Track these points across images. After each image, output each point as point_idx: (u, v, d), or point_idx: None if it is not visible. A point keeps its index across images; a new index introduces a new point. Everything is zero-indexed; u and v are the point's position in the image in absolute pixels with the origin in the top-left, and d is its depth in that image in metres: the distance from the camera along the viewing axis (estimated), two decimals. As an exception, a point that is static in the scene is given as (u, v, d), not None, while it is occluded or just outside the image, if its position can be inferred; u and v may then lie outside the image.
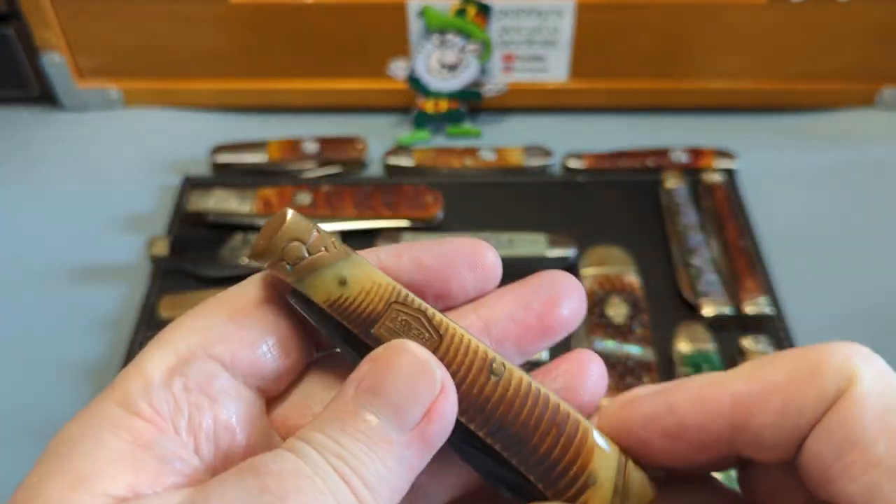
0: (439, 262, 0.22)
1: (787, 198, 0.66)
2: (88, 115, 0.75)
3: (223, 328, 0.21)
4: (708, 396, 0.20)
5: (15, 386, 0.54)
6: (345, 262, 0.21)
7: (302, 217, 0.21)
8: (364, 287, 0.21)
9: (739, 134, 0.72)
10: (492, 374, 0.21)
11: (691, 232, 0.60)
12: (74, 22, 0.69)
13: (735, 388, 0.20)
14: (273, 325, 0.22)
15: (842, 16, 0.68)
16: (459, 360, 0.21)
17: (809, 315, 0.57)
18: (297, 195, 0.62)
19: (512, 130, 0.73)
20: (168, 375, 0.20)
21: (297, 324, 0.22)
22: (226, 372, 0.21)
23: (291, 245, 0.21)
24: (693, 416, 0.21)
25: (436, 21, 0.66)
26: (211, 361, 0.21)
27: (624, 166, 0.67)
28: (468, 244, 0.23)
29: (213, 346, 0.21)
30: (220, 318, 0.21)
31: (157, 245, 0.59)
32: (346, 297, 0.21)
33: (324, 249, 0.21)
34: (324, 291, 0.21)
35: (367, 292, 0.21)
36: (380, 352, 0.20)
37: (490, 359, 0.21)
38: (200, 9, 0.68)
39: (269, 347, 0.22)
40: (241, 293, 0.22)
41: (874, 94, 0.73)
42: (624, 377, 0.51)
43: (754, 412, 0.20)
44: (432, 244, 0.23)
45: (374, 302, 0.21)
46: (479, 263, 0.22)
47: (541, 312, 0.23)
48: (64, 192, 0.68)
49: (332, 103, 0.74)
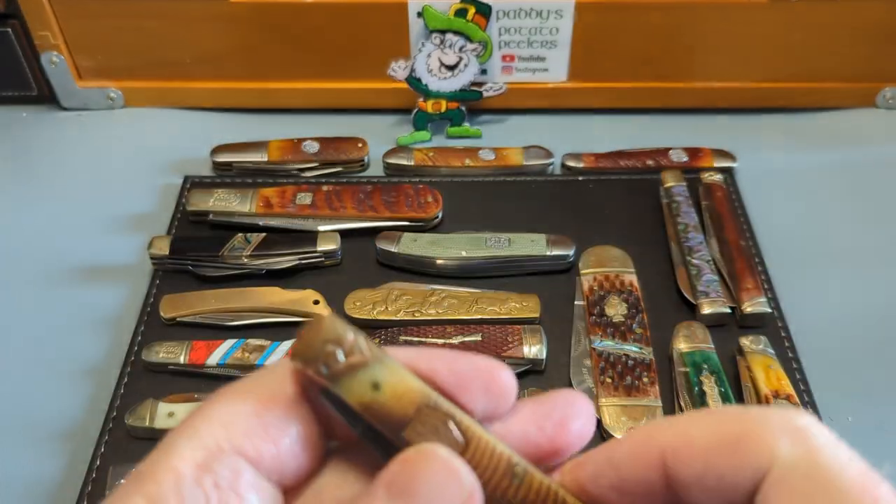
0: (455, 380, 0.22)
1: (787, 198, 0.66)
2: (88, 115, 0.75)
3: (249, 422, 0.21)
4: (641, 451, 0.21)
5: (15, 386, 0.54)
6: (379, 366, 0.22)
7: (340, 320, 0.22)
8: (396, 391, 0.22)
9: (739, 134, 0.72)
10: (514, 478, 0.22)
11: (691, 231, 0.60)
12: (74, 22, 0.69)
13: (664, 443, 0.21)
14: (297, 420, 0.22)
15: (842, 16, 0.68)
16: (485, 464, 0.22)
17: (808, 315, 0.57)
18: (297, 195, 0.62)
19: (512, 130, 0.73)
20: (198, 472, 0.20)
21: (318, 417, 0.23)
22: (251, 468, 0.21)
23: (328, 348, 0.21)
24: (630, 469, 0.21)
25: (435, 21, 0.66)
26: (238, 457, 0.21)
27: (624, 166, 0.67)
28: (485, 366, 0.23)
29: (239, 441, 0.21)
30: (246, 411, 0.22)
31: (157, 245, 0.59)
32: (380, 401, 0.22)
33: (359, 353, 0.22)
34: (358, 394, 0.22)
35: (400, 397, 0.22)
36: (411, 454, 0.21)
37: (514, 463, 0.22)
38: (200, 9, 0.68)
39: (291, 443, 0.22)
40: (268, 383, 0.22)
41: (874, 94, 0.73)
42: (623, 376, 0.51)
43: (681, 469, 0.20)
44: (451, 358, 0.23)
45: (405, 406, 0.22)
46: (494, 387, 0.23)
47: (552, 435, 0.23)
48: (64, 192, 0.68)
49: (332, 103, 0.74)
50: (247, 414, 0.21)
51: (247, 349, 0.53)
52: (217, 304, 0.56)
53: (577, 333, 0.55)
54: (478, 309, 0.55)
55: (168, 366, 0.53)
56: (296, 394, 0.22)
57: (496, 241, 0.59)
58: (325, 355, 0.21)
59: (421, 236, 0.60)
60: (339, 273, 0.60)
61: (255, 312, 0.56)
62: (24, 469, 0.50)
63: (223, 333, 0.55)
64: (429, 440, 0.21)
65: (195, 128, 0.73)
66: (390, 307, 0.55)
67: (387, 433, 0.22)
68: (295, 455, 0.22)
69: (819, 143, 0.71)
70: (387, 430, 0.22)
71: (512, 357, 0.52)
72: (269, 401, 0.22)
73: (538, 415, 0.23)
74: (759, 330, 0.55)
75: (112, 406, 0.51)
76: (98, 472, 0.48)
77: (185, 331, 0.55)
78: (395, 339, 0.53)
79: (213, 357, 0.52)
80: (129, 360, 0.54)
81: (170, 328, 0.56)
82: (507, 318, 0.55)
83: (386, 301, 0.56)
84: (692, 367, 0.51)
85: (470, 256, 0.58)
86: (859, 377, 0.54)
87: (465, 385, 0.22)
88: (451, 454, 0.21)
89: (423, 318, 0.55)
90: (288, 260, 0.58)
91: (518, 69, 0.72)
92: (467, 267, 0.59)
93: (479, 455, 0.22)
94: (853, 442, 0.19)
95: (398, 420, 0.22)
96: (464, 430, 0.22)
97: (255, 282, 0.58)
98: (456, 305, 0.55)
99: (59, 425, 0.52)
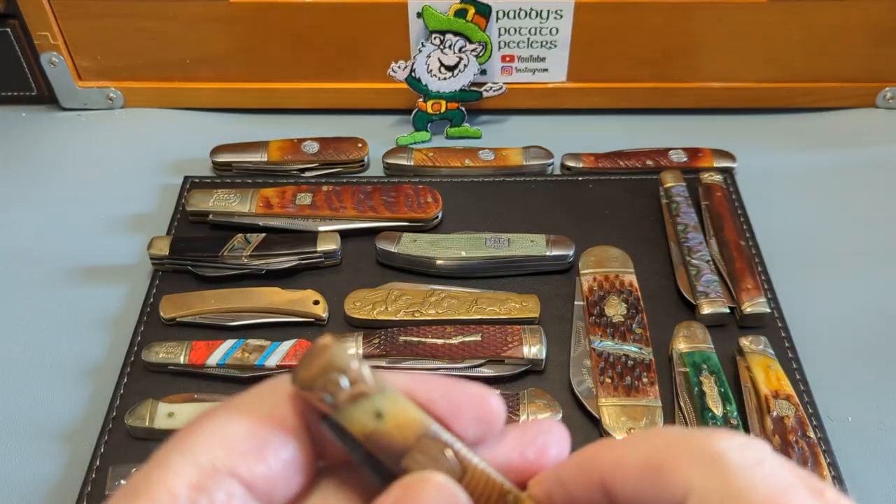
0: (448, 409, 0.23)
1: (787, 198, 0.66)
2: (88, 115, 0.75)
3: (245, 442, 0.21)
4: (584, 471, 0.23)
5: (15, 386, 0.54)
6: (381, 396, 0.22)
7: (343, 348, 0.22)
8: (398, 421, 0.22)
9: (739, 134, 0.72)
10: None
11: (690, 232, 0.60)
12: (74, 22, 0.69)
13: (603, 464, 0.22)
14: (292, 442, 0.22)
15: (842, 16, 0.68)
16: (479, 491, 0.22)
17: (808, 315, 0.57)
18: (297, 195, 0.62)
19: (511, 130, 0.73)
20: (193, 492, 0.20)
21: (312, 439, 0.23)
22: (244, 489, 0.21)
23: (333, 377, 0.21)
24: (576, 486, 0.23)
25: (435, 21, 0.66)
26: (231, 479, 0.21)
27: (623, 166, 0.67)
28: (477, 393, 0.24)
29: (234, 461, 0.21)
30: (243, 431, 0.22)
31: (157, 245, 0.59)
32: (381, 431, 0.22)
33: (363, 382, 0.22)
34: (360, 423, 0.22)
35: (402, 427, 0.22)
36: (412, 480, 0.21)
37: (506, 491, 0.23)
38: (200, 9, 0.68)
39: (285, 465, 0.22)
40: (266, 402, 0.22)
41: (874, 94, 0.73)
42: (623, 377, 0.51)
43: (616, 490, 0.22)
44: (447, 387, 0.23)
45: (406, 435, 0.22)
46: (485, 414, 0.23)
47: (533, 460, 0.24)
48: (64, 192, 0.68)
49: (332, 103, 0.74)
50: (244, 433, 0.21)
51: (247, 349, 0.53)
52: (217, 304, 0.56)
53: (576, 333, 0.55)
54: (477, 309, 0.55)
55: (168, 366, 0.53)
56: (293, 415, 0.22)
57: (496, 241, 0.59)
58: (329, 384, 0.21)
59: (421, 236, 0.60)
60: (339, 273, 0.60)
61: (255, 312, 0.56)
62: (24, 469, 0.50)
63: (223, 333, 0.55)
64: (427, 468, 0.22)
65: (195, 128, 0.73)
66: (390, 307, 0.55)
67: (385, 461, 0.22)
68: (287, 477, 0.22)
69: (819, 143, 0.71)
70: (386, 457, 0.22)
71: (512, 357, 0.52)
72: (266, 421, 0.22)
73: (521, 442, 0.24)
74: (758, 330, 0.55)
75: (112, 406, 0.51)
76: (98, 472, 0.48)
77: (185, 331, 0.55)
78: (395, 339, 0.53)
79: (213, 357, 0.52)
80: (129, 361, 0.54)
81: (170, 328, 0.56)
82: (506, 319, 0.55)
83: (386, 301, 0.56)
84: (692, 367, 0.51)
85: (469, 257, 0.58)
86: (859, 377, 0.54)
87: (458, 413, 0.23)
88: (449, 481, 0.22)
89: (423, 318, 0.55)
90: (288, 260, 0.58)
91: (518, 69, 0.72)
92: (467, 267, 0.59)
93: (475, 483, 0.22)
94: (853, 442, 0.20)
95: (399, 449, 0.22)
96: (461, 458, 0.22)
97: (255, 282, 0.58)
98: (456, 305, 0.55)
99: (59, 425, 0.52)
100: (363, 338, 0.53)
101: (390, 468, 0.22)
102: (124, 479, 0.46)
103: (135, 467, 0.47)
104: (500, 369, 0.52)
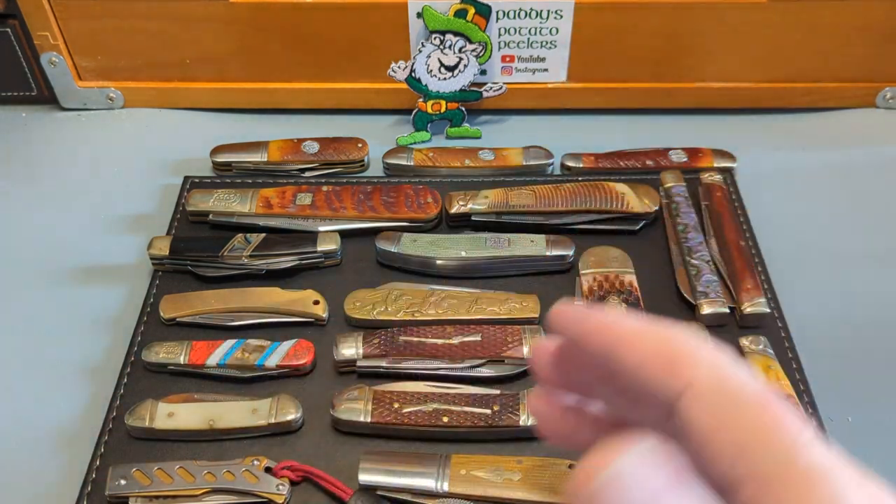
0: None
1: (787, 198, 0.66)
2: (88, 115, 0.75)
3: None
4: (601, 331, 0.26)
5: (15, 386, 0.54)
6: None
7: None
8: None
9: (738, 134, 0.72)
10: None
11: (690, 232, 0.60)
12: (74, 22, 0.69)
13: (622, 332, 0.25)
14: None
15: (842, 16, 0.68)
16: None
17: (808, 315, 0.57)
18: (297, 195, 0.62)
19: (511, 131, 0.73)
20: None
21: None
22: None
23: None
24: (589, 344, 0.26)
25: (435, 22, 0.66)
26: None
27: (623, 166, 0.67)
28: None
29: None
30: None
31: (157, 245, 0.59)
32: None
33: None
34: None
35: None
36: None
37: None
38: (200, 9, 0.68)
39: None
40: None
41: (874, 94, 0.73)
42: (623, 377, 0.51)
43: (625, 359, 0.25)
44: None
45: None
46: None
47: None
48: (64, 192, 0.68)
49: (332, 104, 0.74)
50: None
51: (247, 349, 0.53)
52: (217, 304, 0.56)
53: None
54: (477, 309, 0.55)
55: (168, 366, 0.53)
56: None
57: (496, 241, 0.59)
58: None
59: (421, 236, 0.60)
60: (338, 273, 0.60)
61: (255, 312, 0.56)
62: (24, 469, 0.50)
63: (223, 333, 0.55)
64: None
65: (195, 128, 0.73)
66: (390, 307, 0.55)
67: None
68: None
69: (819, 143, 0.71)
70: None
71: (512, 357, 0.52)
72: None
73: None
74: (758, 330, 0.55)
75: (112, 406, 0.51)
76: (98, 472, 0.48)
77: (184, 331, 0.55)
78: (395, 339, 0.53)
79: (213, 357, 0.52)
80: (129, 361, 0.54)
81: (170, 328, 0.56)
82: (506, 319, 0.55)
83: (386, 301, 0.56)
84: (692, 367, 0.51)
85: (470, 257, 0.58)
86: (859, 377, 0.54)
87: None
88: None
89: (423, 318, 0.55)
90: (288, 260, 0.58)
91: (518, 69, 0.72)
92: (467, 267, 0.59)
93: None
94: (853, 442, 0.20)
95: None
96: None
97: (255, 282, 0.58)
98: (456, 305, 0.55)
99: (59, 425, 0.52)
100: (363, 338, 0.53)
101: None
102: (124, 479, 0.46)
103: (135, 467, 0.47)
104: (500, 369, 0.52)
